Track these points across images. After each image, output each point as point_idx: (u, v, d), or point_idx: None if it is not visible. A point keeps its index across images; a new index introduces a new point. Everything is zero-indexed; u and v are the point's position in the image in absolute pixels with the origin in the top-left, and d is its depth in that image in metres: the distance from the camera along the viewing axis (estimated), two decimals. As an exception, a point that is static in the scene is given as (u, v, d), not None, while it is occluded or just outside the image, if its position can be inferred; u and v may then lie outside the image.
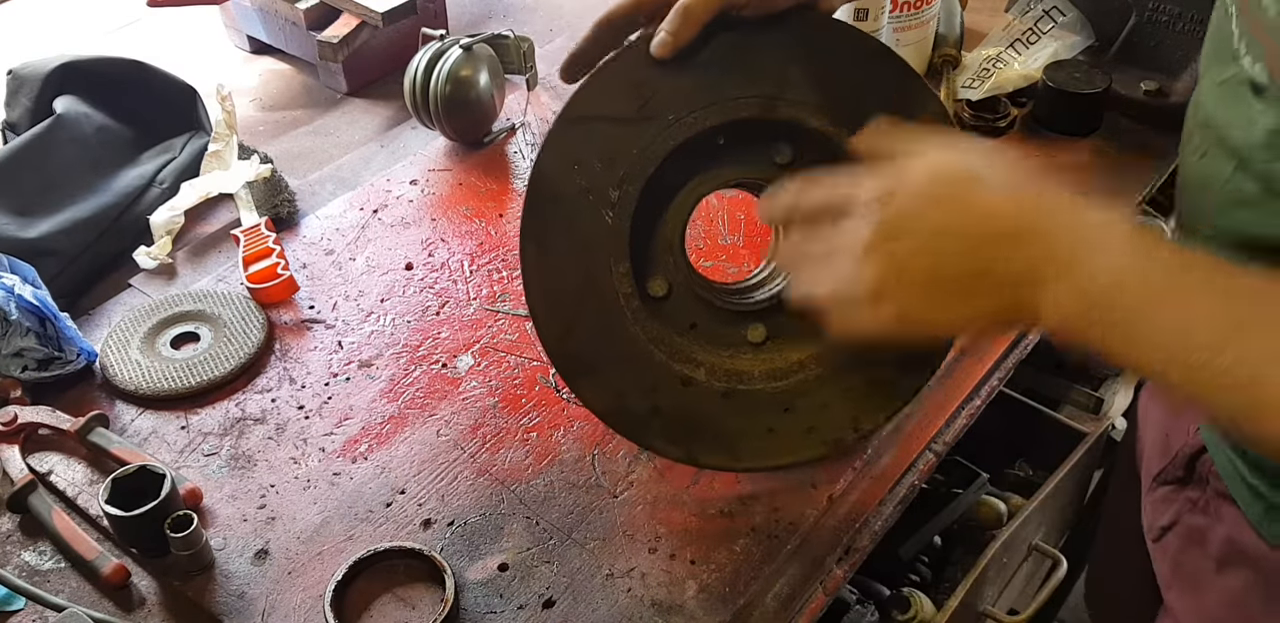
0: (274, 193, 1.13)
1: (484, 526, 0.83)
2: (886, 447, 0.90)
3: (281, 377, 0.95)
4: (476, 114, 1.18)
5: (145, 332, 0.98)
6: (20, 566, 0.81)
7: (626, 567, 0.80)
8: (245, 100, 1.32)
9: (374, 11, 1.26)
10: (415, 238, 1.09)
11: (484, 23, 1.47)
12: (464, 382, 0.95)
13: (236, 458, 0.89)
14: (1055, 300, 0.56)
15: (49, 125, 1.10)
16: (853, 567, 0.83)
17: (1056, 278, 0.56)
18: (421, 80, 1.15)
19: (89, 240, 1.06)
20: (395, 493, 0.86)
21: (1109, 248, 0.56)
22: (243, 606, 0.78)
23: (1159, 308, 0.54)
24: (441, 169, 1.18)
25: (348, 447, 0.89)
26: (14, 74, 1.15)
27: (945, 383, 0.95)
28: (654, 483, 0.86)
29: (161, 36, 1.44)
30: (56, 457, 0.88)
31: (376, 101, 1.32)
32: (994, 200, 0.59)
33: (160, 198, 1.12)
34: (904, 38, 1.25)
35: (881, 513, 0.86)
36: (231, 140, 1.16)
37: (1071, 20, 1.27)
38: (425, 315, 1.01)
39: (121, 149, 1.15)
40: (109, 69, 1.17)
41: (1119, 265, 0.55)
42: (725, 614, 0.77)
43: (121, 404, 0.93)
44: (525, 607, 0.78)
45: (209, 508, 0.85)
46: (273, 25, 1.35)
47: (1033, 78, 1.23)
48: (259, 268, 1.02)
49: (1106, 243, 0.56)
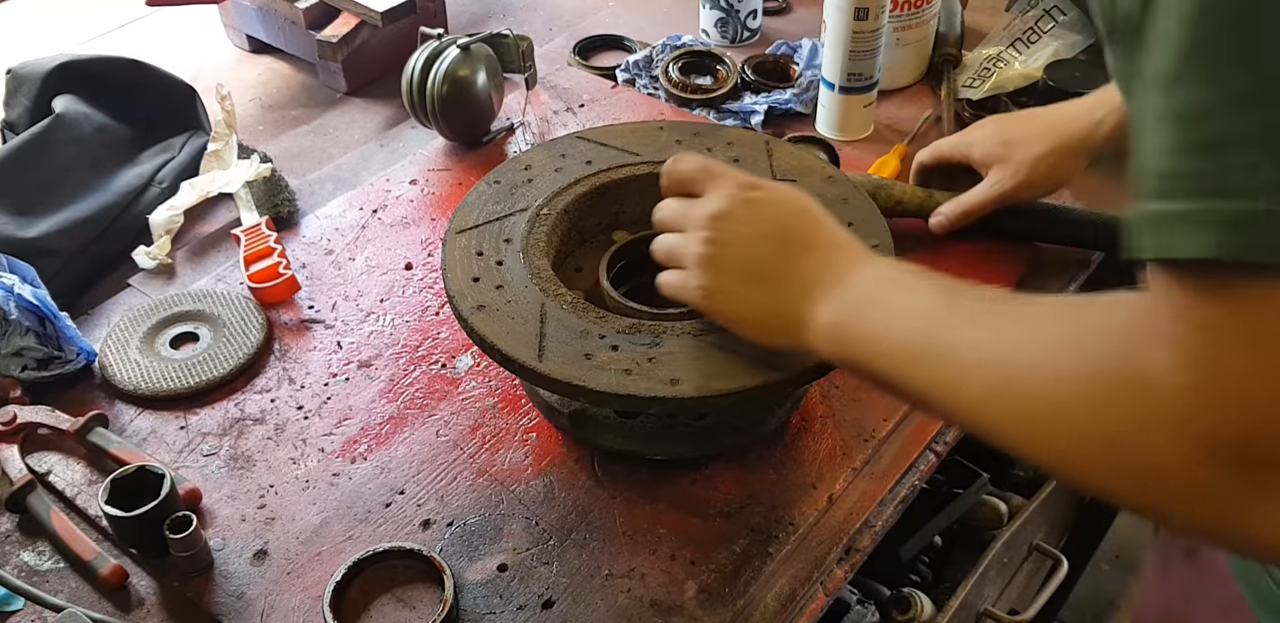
0: (274, 192, 1.13)
1: (483, 526, 0.83)
2: (886, 447, 0.90)
3: (281, 377, 0.95)
4: (474, 113, 1.18)
5: (144, 332, 0.98)
6: (19, 566, 0.81)
7: (626, 567, 0.80)
8: (245, 100, 1.32)
9: (373, 11, 1.25)
10: (415, 238, 1.09)
11: (484, 22, 1.47)
12: (463, 382, 0.94)
13: (236, 458, 0.88)
14: (820, 309, 0.65)
15: (48, 125, 1.10)
16: (853, 567, 0.83)
17: (828, 287, 0.65)
18: (418, 80, 1.15)
19: (88, 240, 1.06)
20: (394, 494, 0.85)
21: (868, 271, 0.66)
22: (242, 606, 0.78)
23: (885, 307, 0.63)
24: (441, 169, 1.18)
25: (347, 447, 0.89)
26: (13, 73, 1.15)
27: (945, 383, 0.94)
28: (654, 483, 0.86)
29: (161, 36, 1.44)
30: (55, 457, 0.88)
31: (376, 101, 1.32)
32: (813, 218, 0.70)
33: (159, 197, 1.12)
34: (904, 37, 1.25)
35: (881, 513, 0.86)
36: (231, 140, 1.16)
37: (1072, 19, 1.26)
38: (425, 315, 1.01)
39: (120, 148, 1.15)
40: (108, 68, 1.17)
41: (874, 280, 0.65)
42: (725, 614, 0.77)
43: (121, 404, 0.93)
44: (525, 607, 0.77)
45: (208, 508, 0.85)
46: (272, 24, 1.35)
47: (1033, 77, 1.22)
48: (260, 267, 1.02)
49: (868, 265, 0.66)
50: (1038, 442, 0.51)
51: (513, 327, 0.78)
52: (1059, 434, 0.49)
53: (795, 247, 0.68)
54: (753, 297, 0.69)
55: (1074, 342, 0.49)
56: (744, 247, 0.68)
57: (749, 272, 0.68)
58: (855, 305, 0.64)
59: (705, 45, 1.35)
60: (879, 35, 1.14)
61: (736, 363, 0.75)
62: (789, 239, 0.68)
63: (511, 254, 0.84)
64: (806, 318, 0.66)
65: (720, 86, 1.27)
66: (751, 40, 1.40)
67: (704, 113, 1.26)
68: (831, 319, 0.65)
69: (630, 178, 0.91)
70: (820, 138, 1.21)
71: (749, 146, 0.93)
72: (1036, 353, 0.51)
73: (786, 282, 0.67)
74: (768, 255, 0.68)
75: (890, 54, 1.24)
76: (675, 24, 1.43)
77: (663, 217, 0.74)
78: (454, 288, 0.81)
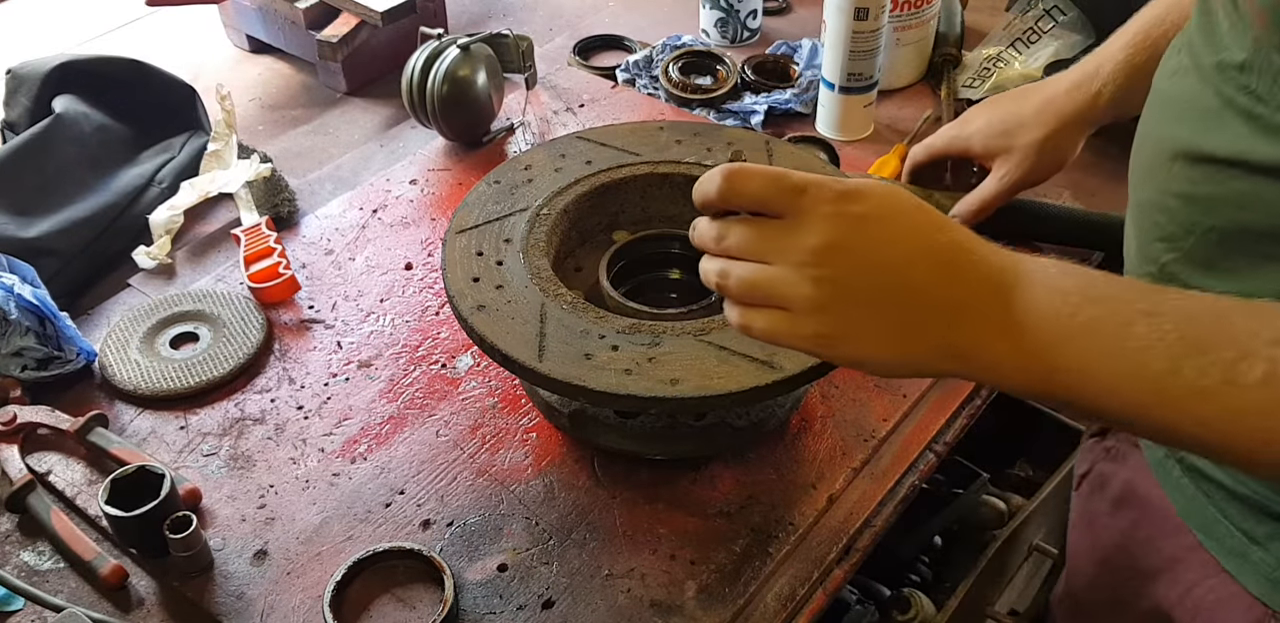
0: (274, 192, 1.13)
1: (483, 526, 0.83)
2: (886, 447, 0.90)
3: (281, 377, 0.95)
4: (474, 114, 1.18)
5: (144, 332, 0.98)
6: (19, 566, 0.81)
7: (626, 567, 0.80)
8: (245, 100, 1.32)
9: (373, 11, 1.25)
10: (415, 238, 1.09)
11: (484, 22, 1.47)
12: (463, 382, 0.94)
13: (236, 458, 0.88)
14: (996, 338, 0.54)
15: (48, 125, 1.10)
16: (853, 567, 0.83)
17: (986, 310, 0.55)
18: (418, 80, 1.14)
19: (88, 240, 1.06)
20: (394, 494, 0.85)
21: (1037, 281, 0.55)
22: (242, 606, 0.78)
23: (1100, 336, 0.52)
24: (441, 169, 1.18)
25: (347, 447, 0.89)
26: (13, 73, 1.15)
27: (945, 383, 0.94)
28: (654, 483, 0.86)
29: (161, 36, 1.44)
30: (55, 457, 0.88)
31: (376, 101, 1.32)
32: (934, 233, 0.57)
33: (159, 197, 1.12)
34: (904, 37, 1.25)
35: (881, 513, 0.86)
36: (231, 140, 1.16)
37: (1072, 19, 1.26)
38: (425, 315, 1.01)
39: (120, 148, 1.15)
40: (108, 68, 1.17)
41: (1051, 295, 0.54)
42: (725, 614, 0.77)
43: (121, 404, 0.93)
44: (525, 607, 0.77)
45: (208, 508, 0.85)
46: (272, 24, 1.35)
47: (1034, 77, 1.23)
48: (260, 267, 1.02)
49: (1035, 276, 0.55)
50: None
51: (513, 327, 0.78)
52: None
53: (931, 266, 0.55)
54: (888, 335, 0.56)
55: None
56: (869, 278, 0.55)
57: (880, 308, 0.55)
58: (1053, 331, 0.53)
59: (705, 45, 1.35)
60: (879, 35, 1.14)
61: (736, 363, 0.75)
62: (918, 261, 0.55)
63: (511, 254, 0.84)
64: (969, 348, 0.55)
65: (720, 86, 1.27)
66: (751, 40, 1.40)
67: (704, 113, 1.26)
68: (1029, 349, 0.54)
69: (630, 178, 0.91)
70: (820, 138, 1.21)
71: (749, 147, 0.93)
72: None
73: (933, 310, 0.55)
74: (901, 285, 0.55)
75: (890, 54, 1.24)
76: (675, 24, 1.43)
77: (731, 245, 0.57)
78: (454, 288, 0.81)
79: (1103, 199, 1.11)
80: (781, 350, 0.74)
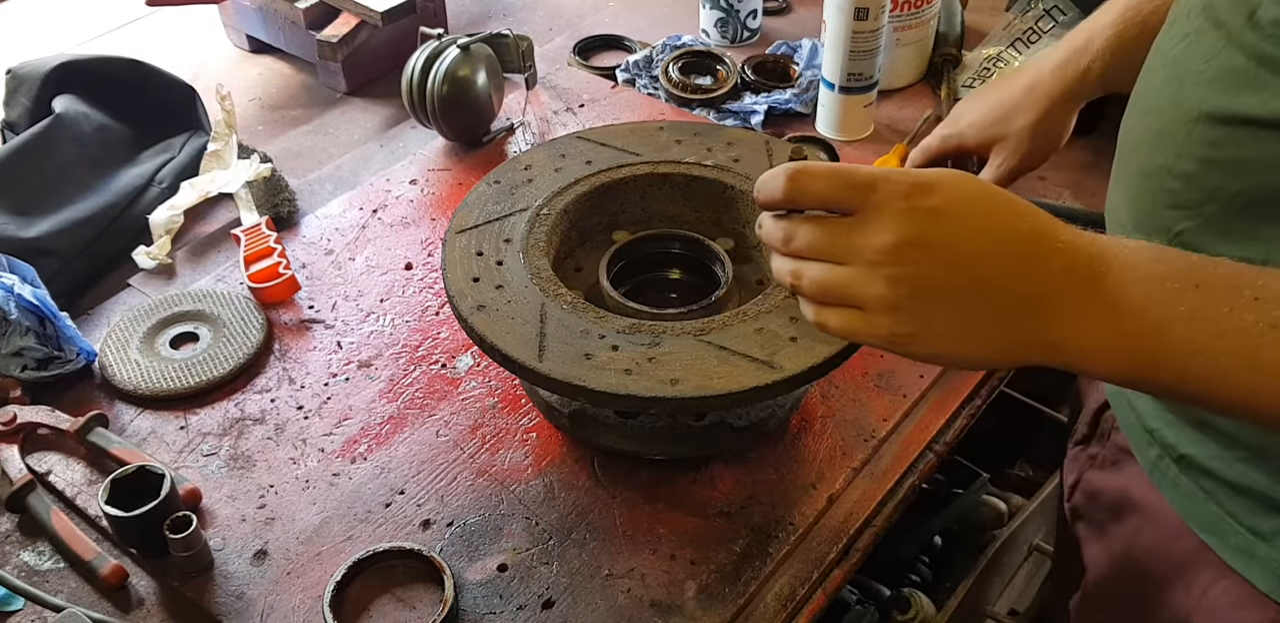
0: (274, 192, 1.13)
1: (483, 526, 0.83)
2: (886, 447, 0.90)
3: (281, 377, 0.95)
4: (474, 114, 1.18)
5: (144, 332, 0.98)
6: (19, 566, 0.81)
7: (626, 567, 0.80)
8: (245, 100, 1.32)
9: (373, 11, 1.25)
10: (415, 238, 1.09)
11: (484, 22, 1.47)
12: (463, 382, 0.94)
13: (235, 458, 0.88)
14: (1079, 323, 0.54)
15: (48, 125, 1.10)
16: (853, 567, 0.83)
17: (1072, 301, 0.54)
18: (418, 80, 1.15)
19: (88, 240, 1.06)
20: (394, 494, 0.85)
21: (1126, 263, 0.54)
22: (242, 606, 0.78)
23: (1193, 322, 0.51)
24: (441, 169, 1.18)
25: (347, 447, 0.89)
26: (13, 73, 1.15)
27: (945, 383, 0.94)
28: (654, 483, 0.86)
29: (161, 36, 1.44)
30: (55, 457, 0.88)
31: (376, 101, 1.32)
32: (1013, 221, 0.56)
33: (159, 197, 1.12)
34: (904, 37, 1.25)
35: (881, 513, 0.86)
36: (231, 140, 1.16)
37: (1072, 19, 1.26)
38: (425, 315, 1.01)
39: (120, 148, 1.15)
40: (108, 68, 1.17)
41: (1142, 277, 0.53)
42: (725, 614, 0.77)
43: (121, 404, 0.93)
44: (525, 607, 0.77)
45: (208, 508, 0.85)
46: (272, 24, 1.35)
47: (1033, 77, 1.22)
48: (261, 267, 1.02)
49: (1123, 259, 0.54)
50: None
51: (513, 327, 0.78)
52: None
53: (1009, 260, 0.54)
54: (966, 331, 0.55)
55: None
56: (945, 274, 0.54)
57: (957, 305, 0.54)
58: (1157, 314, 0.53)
59: (705, 45, 1.35)
60: (879, 35, 1.14)
61: (736, 363, 0.75)
62: (996, 254, 0.54)
63: (511, 254, 0.84)
64: (1058, 339, 0.54)
65: (720, 86, 1.27)
66: (751, 40, 1.40)
67: (704, 113, 1.26)
68: (1133, 329, 0.53)
69: (630, 178, 0.91)
70: (820, 138, 1.21)
71: (749, 147, 0.93)
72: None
73: (1012, 305, 0.54)
74: (978, 281, 0.54)
75: (890, 54, 1.24)
76: (675, 24, 1.43)
77: (801, 246, 0.57)
78: (454, 288, 0.81)
79: (1102, 199, 1.11)
80: (781, 351, 0.74)
